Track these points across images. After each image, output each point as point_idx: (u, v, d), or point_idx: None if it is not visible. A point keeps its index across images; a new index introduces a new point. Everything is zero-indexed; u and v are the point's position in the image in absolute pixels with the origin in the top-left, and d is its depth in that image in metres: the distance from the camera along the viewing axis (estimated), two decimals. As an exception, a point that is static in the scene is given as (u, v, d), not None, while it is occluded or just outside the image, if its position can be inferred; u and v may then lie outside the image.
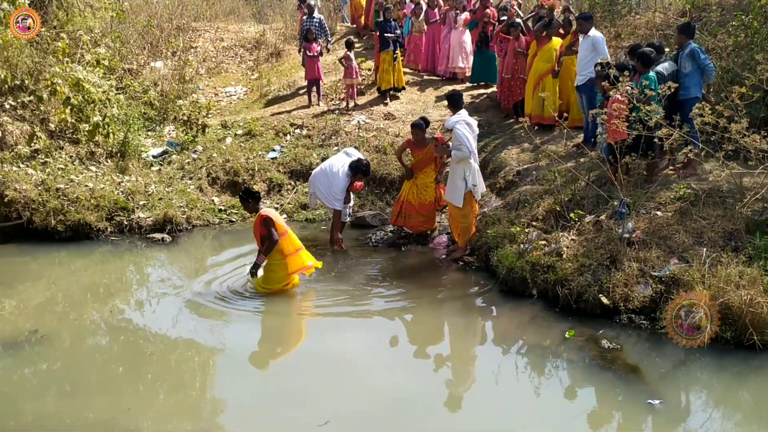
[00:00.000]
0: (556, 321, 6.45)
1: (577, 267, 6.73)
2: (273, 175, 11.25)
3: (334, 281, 7.59)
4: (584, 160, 8.89)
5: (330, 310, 6.85)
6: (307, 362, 5.77)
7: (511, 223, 8.06)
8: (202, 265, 8.31)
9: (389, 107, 13.08)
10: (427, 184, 9.01)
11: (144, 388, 5.38)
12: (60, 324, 6.54)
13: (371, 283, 7.56)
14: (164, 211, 9.79)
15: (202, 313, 6.70)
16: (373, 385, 5.37)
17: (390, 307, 6.89)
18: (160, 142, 12.04)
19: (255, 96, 14.45)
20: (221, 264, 8.27)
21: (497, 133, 11.60)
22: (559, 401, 5.20)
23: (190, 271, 8.03)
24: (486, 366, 5.85)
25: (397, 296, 7.20)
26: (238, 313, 6.77)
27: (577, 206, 7.74)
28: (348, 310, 6.81)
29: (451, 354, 6.15)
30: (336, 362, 5.77)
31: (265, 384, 5.41)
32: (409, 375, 5.59)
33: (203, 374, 5.72)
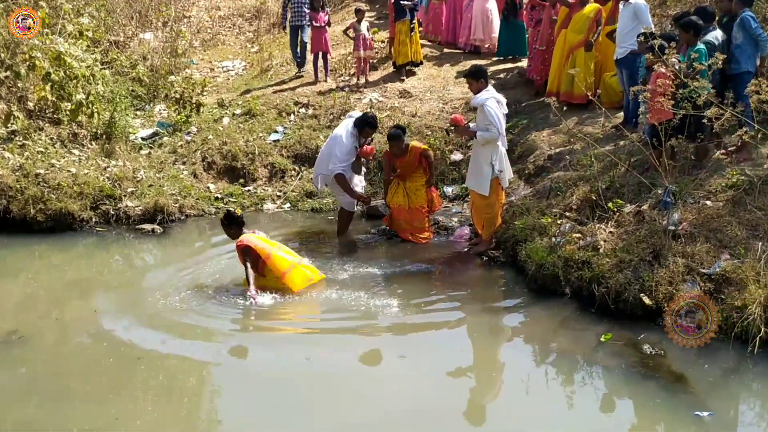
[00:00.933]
0: (591, 323, 6.44)
1: (616, 263, 6.70)
2: (275, 160, 11.28)
3: (342, 279, 7.59)
4: (624, 143, 8.84)
5: (337, 313, 6.84)
6: (311, 371, 5.78)
7: (542, 213, 8.04)
8: (197, 260, 8.36)
9: (405, 84, 13.07)
10: (417, 187, 8.96)
11: (133, 396, 5.42)
12: (40, 324, 6.60)
13: (383, 282, 7.58)
14: (154, 200, 9.86)
15: (196, 316, 6.73)
16: (386, 397, 5.39)
17: (404, 308, 6.89)
18: (150, 122, 12.10)
19: (255, 71, 14.47)
20: (218, 259, 8.31)
21: (526, 113, 11.57)
22: (595, 413, 5.19)
23: (182, 266, 8.08)
24: (513, 373, 5.85)
25: (412, 296, 7.21)
26: (235, 317, 6.79)
27: (616, 195, 7.71)
28: (357, 313, 6.82)
29: (474, 360, 6.15)
30: (344, 371, 5.79)
31: (266, 394, 5.42)
32: (426, 384, 5.59)
33: (198, 382, 5.76)
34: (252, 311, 6.83)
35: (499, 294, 7.48)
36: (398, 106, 12.32)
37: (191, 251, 8.72)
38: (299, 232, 9.45)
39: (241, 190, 10.80)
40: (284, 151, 11.45)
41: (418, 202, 8.93)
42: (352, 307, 6.90)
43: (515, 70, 13.09)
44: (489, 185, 8.09)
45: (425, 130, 11.65)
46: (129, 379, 5.66)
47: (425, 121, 11.85)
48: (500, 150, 8.11)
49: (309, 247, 8.72)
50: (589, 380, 5.65)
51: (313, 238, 9.14)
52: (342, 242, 8.99)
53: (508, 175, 8.39)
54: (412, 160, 8.85)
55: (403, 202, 8.96)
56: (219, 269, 7.91)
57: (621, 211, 7.42)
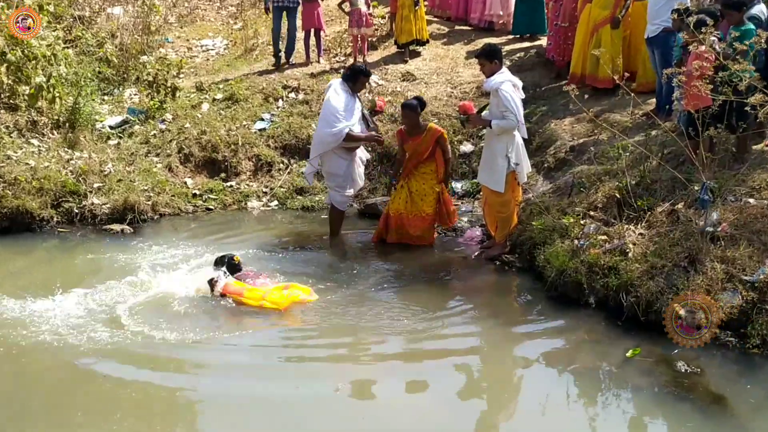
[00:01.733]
0: (618, 337, 6.44)
1: (647, 269, 6.71)
2: (261, 151, 11.29)
3: (335, 291, 7.57)
4: (656, 133, 8.84)
5: (330, 334, 6.81)
6: (310, 394, 5.76)
7: (563, 212, 8.05)
8: (172, 264, 8.35)
9: (409, 65, 13.07)
10: (425, 191, 8.71)
11: (97, 422, 5.40)
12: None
13: (383, 293, 7.58)
14: (124, 197, 9.86)
15: (173, 329, 6.71)
16: (394, 419, 5.39)
17: (410, 321, 6.89)
18: (119, 109, 12.10)
19: (238, 51, 14.49)
20: (197, 263, 8.30)
21: (545, 99, 11.57)
22: (623, 439, 5.20)
23: (156, 271, 8.07)
24: (530, 393, 5.85)
25: (416, 309, 7.20)
26: (214, 335, 6.75)
27: (647, 192, 7.71)
28: (357, 328, 6.83)
29: (487, 379, 6.16)
30: (347, 394, 5.82)
31: (257, 424, 5.39)
32: (436, 404, 5.60)
33: (170, 409, 5.68)
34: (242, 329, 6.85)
35: (514, 304, 7.47)
36: (401, 91, 12.33)
37: (165, 255, 8.71)
38: (287, 234, 9.46)
39: (222, 186, 10.81)
40: (271, 142, 11.46)
41: (424, 209, 8.72)
42: (348, 325, 6.85)
43: (533, 49, 13.09)
44: (504, 181, 8.09)
45: (431, 117, 11.63)
46: (92, 402, 5.64)
47: (431, 108, 11.84)
48: (517, 141, 8.11)
49: (298, 253, 8.74)
50: (615, 401, 5.65)
51: (303, 241, 9.16)
52: (335, 246, 8.99)
53: (525, 170, 8.39)
54: (426, 144, 8.61)
55: (403, 210, 8.72)
56: (196, 277, 7.88)
57: (652, 210, 7.42)
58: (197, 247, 8.79)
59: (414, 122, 8.65)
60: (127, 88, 12.75)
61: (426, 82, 12.59)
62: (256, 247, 8.86)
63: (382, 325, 6.86)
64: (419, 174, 8.76)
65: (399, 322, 6.85)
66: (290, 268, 8.16)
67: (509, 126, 7.90)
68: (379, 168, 11.02)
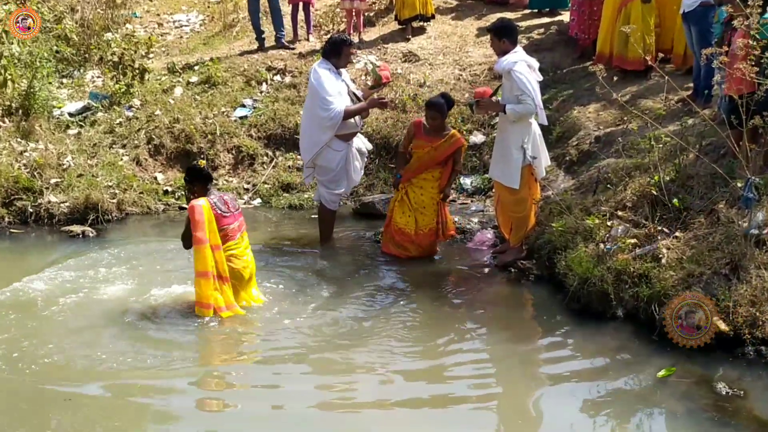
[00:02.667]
0: (650, 355, 6.44)
1: (683, 277, 6.70)
2: (242, 142, 11.30)
3: (324, 305, 7.56)
4: (694, 122, 8.84)
5: (329, 341, 6.84)
6: (299, 413, 5.80)
7: (587, 212, 8.04)
8: (141, 271, 8.36)
9: (412, 44, 13.09)
10: (423, 203, 8.59)
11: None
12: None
13: (381, 308, 7.57)
14: (85, 194, 9.87)
15: (143, 343, 6.74)
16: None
17: (411, 342, 6.89)
18: (80, 93, 12.11)
19: (216, 27, 14.50)
20: (168, 270, 8.31)
21: (567, 82, 11.58)
22: (655, 471, 5.22)
23: (123, 279, 8.08)
24: (552, 418, 5.83)
25: (420, 324, 7.21)
26: (185, 352, 6.77)
27: (683, 189, 7.71)
28: (353, 344, 6.82)
29: (500, 405, 6.13)
30: (340, 415, 5.82)
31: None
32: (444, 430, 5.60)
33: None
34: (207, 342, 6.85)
35: (530, 318, 7.47)
36: (402, 73, 12.35)
37: (132, 261, 8.72)
38: (271, 237, 9.47)
39: (198, 182, 10.81)
40: (254, 131, 11.48)
41: (426, 224, 8.62)
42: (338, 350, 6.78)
43: (553, 26, 13.11)
44: (519, 176, 8.10)
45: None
46: (58, 427, 5.66)
47: (437, 92, 11.82)
48: (534, 130, 8.12)
49: (283, 259, 8.75)
50: (648, 426, 5.64)
51: (289, 246, 9.18)
52: (326, 252, 8.96)
53: (544, 163, 8.39)
54: (443, 151, 8.47)
55: (409, 225, 8.60)
56: (167, 283, 7.89)
57: (689, 209, 7.42)
58: (168, 252, 8.78)
59: (440, 125, 8.48)
60: (88, 70, 12.75)
61: (431, 63, 12.61)
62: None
63: (379, 345, 6.82)
64: (419, 180, 8.61)
65: (398, 343, 6.83)
66: (272, 278, 8.15)
67: (526, 111, 7.89)
68: (377, 161, 11.03)
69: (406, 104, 11.59)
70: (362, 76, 11.98)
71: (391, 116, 11.39)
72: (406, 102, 11.62)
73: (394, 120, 11.36)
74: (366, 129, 10.80)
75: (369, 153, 9.75)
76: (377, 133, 11.16)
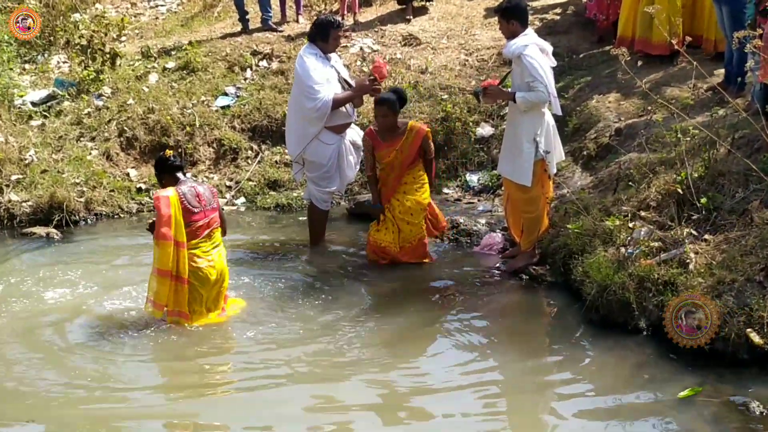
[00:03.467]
0: (676, 371, 6.43)
1: (712, 284, 6.70)
2: (224, 135, 11.30)
3: (315, 319, 7.54)
4: (725, 113, 8.85)
5: (316, 362, 6.83)
6: None
7: (606, 212, 8.05)
8: (110, 277, 8.37)
9: (412, 26, 13.09)
10: (411, 210, 8.47)
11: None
12: None
13: (379, 318, 7.56)
14: (50, 192, 9.87)
15: (109, 359, 6.76)
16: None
17: (411, 357, 6.91)
18: (44, 80, 12.11)
19: (196, 7, 14.49)
20: (138, 279, 8.31)
21: (584, 68, 11.58)
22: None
23: (93, 287, 8.10)
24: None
25: (421, 338, 7.21)
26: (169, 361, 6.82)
27: (713, 187, 7.71)
28: (345, 364, 6.81)
29: (513, 420, 6.16)
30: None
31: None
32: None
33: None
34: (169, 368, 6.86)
35: (545, 330, 7.47)
36: (402, 58, 12.35)
37: (101, 266, 8.73)
38: (256, 241, 9.49)
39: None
40: (237, 123, 11.48)
41: (415, 234, 8.54)
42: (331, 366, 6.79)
43: (569, 6, 13.11)
44: (531, 172, 8.10)
45: (440, 92, 11.67)
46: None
47: (440, 80, 11.89)
48: (547, 120, 8.12)
49: (269, 264, 8.76)
50: (672, 453, 5.67)
51: (275, 250, 9.19)
52: (316, 257, 8.97)
53: (557, 158, 8.40)
54: (409, 149, 8.45)
55: (393, 243, 8.55)
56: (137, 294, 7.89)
57: (719, 210, 7.43)
58: (142, 256, 8.77)
59: (392, 123, 8.44)
60: (54, 55, 12.75)
61: (434, 48, 12.60)
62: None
63: (374, 365, 6.81)
64: (402, 187, 8.53)
65: (397, 360, 6.82)
66: (257, 285, 8.17)
67: (538, 99, 7.89)
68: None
69: (406, 92, 11.56)
70: (357, 61, 12.00)
71: (389, 106, 11.38)
72: (406, 90, 11.57)
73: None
74: (362, 120, 10.80)
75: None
76: (374, 124, 11.10)
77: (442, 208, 10.06)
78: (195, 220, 7.11)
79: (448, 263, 8.83)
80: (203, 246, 7.21)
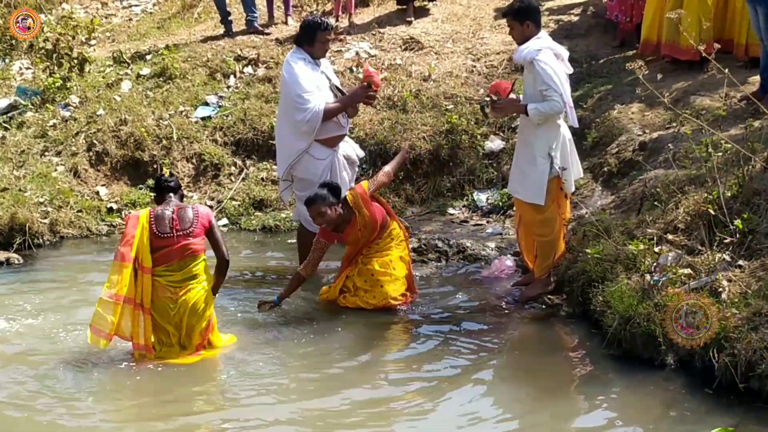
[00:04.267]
0: (708, 411, 6.42)
1: (747, 315, 6.69)
2: (205, 149, 11.32)
3: (309, 354, 7.54)
4: (760, 125, 8.87)
5: (305, 413, 6.81)
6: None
7: (630, 235, 8.05)
8: (74, 307, 8.36)
9: (414, 28, 13.14)
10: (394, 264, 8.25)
11: None
12: None
13: (373, 353, 7.58)
14: (11, 213, 9.88)
15: (70, 400, 6.74)
16: None
17: (413, 391, 6.90)
18: (5, 88, 12.14)
19: (173, 7, 14.55)
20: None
21: (605, 75, 11.61)
22: None
23: (55, 317, 8.09)
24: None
25: (426, 370, 7.21)
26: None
27: (747, 207, 7.71)
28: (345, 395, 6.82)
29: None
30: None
31: None
32: None
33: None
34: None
35: (562, 365, 7.45)
36: (402, 64, 12.39)
37: (66, 294, 8.72)
38: (239, 267, 9.43)
39: (149, 197, 10.81)
40: (219, 135, 11.51)
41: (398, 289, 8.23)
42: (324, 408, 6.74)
43: (587, 7, 13.16)
44: (545, 191, 8.11)
45: (445, 102, 11.70)
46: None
47: (445, 88, 11.93)
48: (563, 134, 8.13)
49: (253, 292, 8.74)
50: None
51: (261, 277, 9.23)
52: (307, 286, 8.82)
53: (575, 175, 8.40)
54: (369, 221, 8.12)
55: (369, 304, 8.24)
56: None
57: (755, 232, 7.43)
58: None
59: (332, 218, 8.01)
60: (15, 60, 12.80)
61: (437, 52, 12.65)
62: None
63: (373, 406, 6.77)
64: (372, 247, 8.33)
65: (399, 402, 6.78)
66: (240, 316, 8.18)
67: (553, 111, 7.88)
68: (371, 172, 11.05)
69: (407, 102, 11.61)
70: (352, 67, 12.03)
71: (388, 117, 11.41)
72: (406, 99, 11.63)
73: (392, 121, 11.36)
74: (357, 132, 10.85)
75: (361, 162, 9.76)
76: (371, 138, 11.19)
77: (447, 230, 10.12)
78: (161, 245, 7.11)
79: (453, 292, 8.83)
80: (168, 275, 7.17)
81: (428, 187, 11.10)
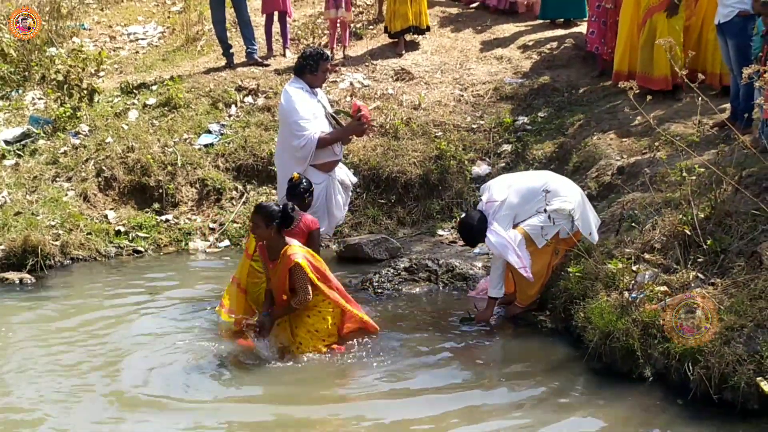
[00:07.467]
0: (684, 422, 6.40)
1: (720, 330, 6.70)
2: (207, 174, 11.30)
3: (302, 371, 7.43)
4: (731, 150, 8.88)
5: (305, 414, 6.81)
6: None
7: (609, 255, 8.05)
8: (84, 325, 8.33)
9: (405, 60, 13.16)
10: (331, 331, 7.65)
11: None
12: None
13: (368, 368, 7.53)
14: (24, 235, 9.84)
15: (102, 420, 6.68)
16: None
17: (399, 406, 6.86)
18: (19, 117, 12.12)
19: (178, 40, 14.54)
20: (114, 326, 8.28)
21: (584, 104, 11.63)
22: None
23: (66, 337, 8.06)
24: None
25: (412, 385, 7.18)
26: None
27: (720, 228, 7.72)
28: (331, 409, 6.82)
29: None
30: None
31: None
32: None
33: None
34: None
35: (545, 378, 7.41)
36: (393, 94, 12.41)
37: (79, 315, 8.69)
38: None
39: (155, 221, 10.83)
40: (221, 162, 11.48)
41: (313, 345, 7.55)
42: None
43: (569, 39, 13.19)
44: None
45: (434, 129, 11.72)
46: None
47: (434, 116, 11.94)
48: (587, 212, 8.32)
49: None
50: None
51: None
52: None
53: (593, 222, 8.43)
54: (279, 275, 7.36)
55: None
56: (124, 344, 7.88)
57: (727, 251, 7.44)
58: (121, 304, 8.79)
59: (262, 235, 7.31)
60: (29, 90, 12.77)
61: (427, 82, 12.66)
62: (197, 304, 8.83)
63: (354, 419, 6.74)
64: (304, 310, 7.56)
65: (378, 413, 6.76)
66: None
67: (501, 254, 7.97)
68: (364, 196, 11.05)
69: (398, 130, 11.62)
70: (347, 97, 12.04)
71: (380, 144, 11.41)
72: (398, 127, 11.65)
73: (384, 148, 11.37)
74: (351, 159, 10.84)
75: (354, 187, 9.75)
76: (364, 164, 11.19)
77: (437, 250, 10.11)
78: None
79: (442, 309, 8.80)
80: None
81: (418, 210, 11.09)
